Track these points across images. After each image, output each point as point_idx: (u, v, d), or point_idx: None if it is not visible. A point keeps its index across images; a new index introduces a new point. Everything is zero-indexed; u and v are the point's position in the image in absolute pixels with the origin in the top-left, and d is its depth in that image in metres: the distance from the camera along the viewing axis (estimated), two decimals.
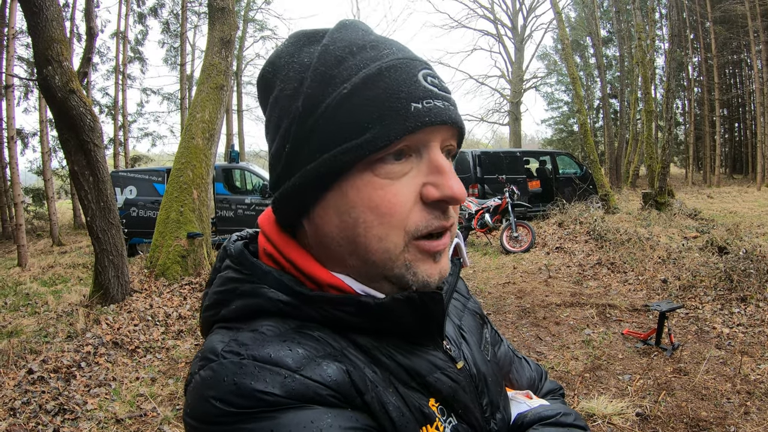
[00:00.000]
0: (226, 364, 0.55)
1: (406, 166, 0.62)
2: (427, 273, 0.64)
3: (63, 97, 5.35)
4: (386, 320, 0.63)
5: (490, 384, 0.77)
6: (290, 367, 0.55)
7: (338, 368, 0.57)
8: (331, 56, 0.63)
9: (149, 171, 12.34)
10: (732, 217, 12.97)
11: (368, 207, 0.61)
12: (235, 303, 0.64)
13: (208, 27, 9.50)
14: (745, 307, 5.57)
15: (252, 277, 0.65)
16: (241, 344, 0.57)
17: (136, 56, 21.10)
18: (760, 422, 3.44)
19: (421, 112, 0.60)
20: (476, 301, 0.94)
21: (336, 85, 0.61)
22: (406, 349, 0.66)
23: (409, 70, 0.62)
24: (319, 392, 0.54)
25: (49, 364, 4.61)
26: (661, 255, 7.89)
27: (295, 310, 0.62)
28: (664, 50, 27.48)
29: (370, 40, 0.65)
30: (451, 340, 0.76)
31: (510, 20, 32.09)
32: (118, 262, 6.39)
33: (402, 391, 0.63)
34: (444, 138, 0.64)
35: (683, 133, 31.59)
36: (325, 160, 0.61)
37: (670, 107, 16.27)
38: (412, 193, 0.62)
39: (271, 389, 0.53)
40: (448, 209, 0.64)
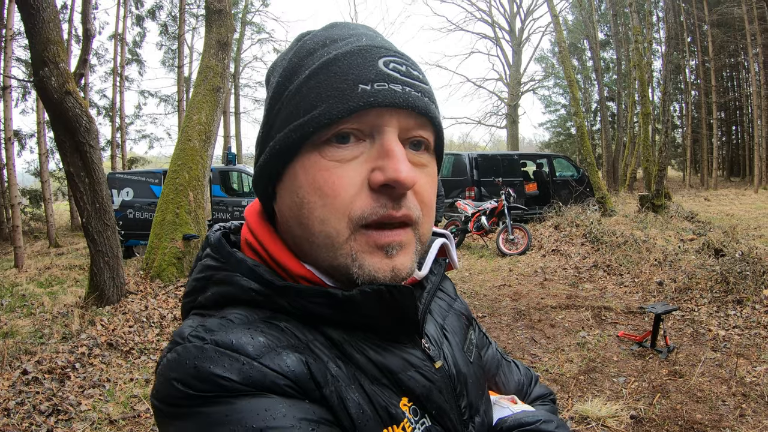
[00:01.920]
0: (189, 348, 0.56)
1: (356, 150, 0.61)
2: (374, 267, 0.61)
3: (59, 99, 5.34)
4: (356, 313, 0.62)
5: (470, 386, 0.75)
6: (250, 354, 0.55)
7: (298, 360, 0.57)
8: (305, 49, 0.66)
9: (146, 173, 12.33)
10: (729, 220, 12.99)
11: (312, 188, 0.61)
12: (210, 290, 0.65)
13: (205, 29, 9.51)
14: (741, 310, 5.57)
15: (227, 266, 0.65)
16: (207, 330, 0.58)
17: (134, 58, 21.08)
18: (756, 424, 3.44)
19: (367, 92, 0.59)
20: (463, 303, 0.91)
21: (300, 73, 0.64)
22: (380, 345, 0.65)
23: (367, 55, 0.62)
24: (276, 381, 0.54)
25: (44, 365, 4.60)
26: (658, 257, 7.90)
27: (267, 300, 0.62)
28: (661, 53, 27.57)
29: (348, 34, 0.66)
30: (431, 338, 0.74)
31: (508, 23, 32.21)
32: (114, 263, 6.37)
33: (368, 387, 0.61)
34: (404, 125, 0.62)
35: (680, 135, 31.68)
36: (278, 139, 0.63)
37: (667, 110, 16.31)
38: (359, 177, 0.61)
39: (228, 374, 0.53)
40: (401, 198, 0.61)
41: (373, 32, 0.69)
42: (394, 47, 0.66)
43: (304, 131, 0.61)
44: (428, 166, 0.67)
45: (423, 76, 0.66)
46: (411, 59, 0.66)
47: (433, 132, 0.67)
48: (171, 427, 0.55)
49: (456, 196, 12.87)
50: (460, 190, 13.44)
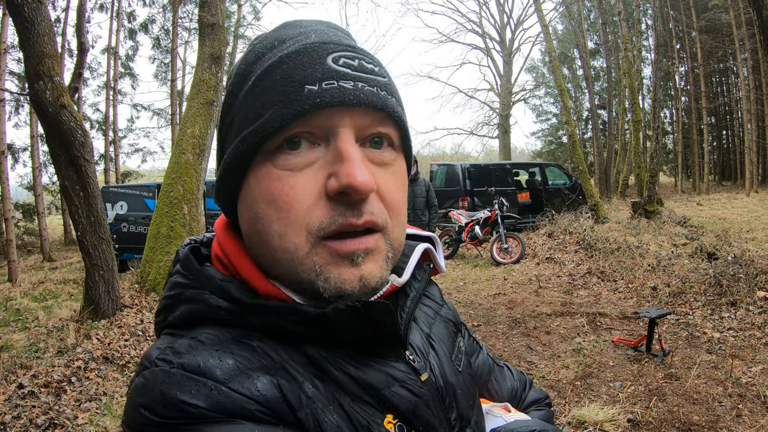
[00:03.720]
0: (156, 372, 0.53)
1: (310, 156, 0.58)
2: (340, 278, 0.58)
3: (54, 112, 5.35)
4: (332, 331, 0.59)
5: (459, 397, 0.71)
6: (218, 378, 0.52)
7: (269, 382, 0.54)
8: (253, 54, 0.62)
9: (140, 186, 12.32)
10: (721, 224, 13.08)
11: (267, 200, 0.58)
12: (180, 309, 0.62)
13: (198, 43, 9.55)
14: (735, 312, 5.62)
15: (195, 283, 0.62)
16: (175, 352, 0.55)
17: (126, 72, 21.11)
18: (752, 424, 3.47)
19: (314, 93, 0.55)
20: (451, 308, 0.87)
21: (248, 80, 0.60)
22: (361, 361, 0.61)
23: (314, 53, 0.58)
24: (246, 407, 0.52)
25: (40, 379, 4.57)
26: (651, 263, 7.95)
27: (238, 318, 0.59)
28: (650, 60, 27.83)
29: (297, 32, 0.62)
30: (416, 349, 0.70)
31: (498, 34, 32.50)
32: (109, 277, 6.35)
33: (348, 406, 0.58)
34: (359, 123, 0.58)
35: (671, 141, 31.89)
36: (230, 151, 0.60)
37: (657, 116, 16.48)
38: (315, 185, 0.57)
39: (195, 401, 0.51)
40: (360, 204, 0.57)
41: (326, 26, 0.65)
42: (347, 41, 0.62)
43: (252, 141, 0.58)
44: (392, 164, 0.63)
45: (380, 68, 0.62)
46: (365, 52, 0.62)
47: (395, 127, 0.62)
48: None
49: (449, 207, 12.91)
50: (453, 200, 13.50)
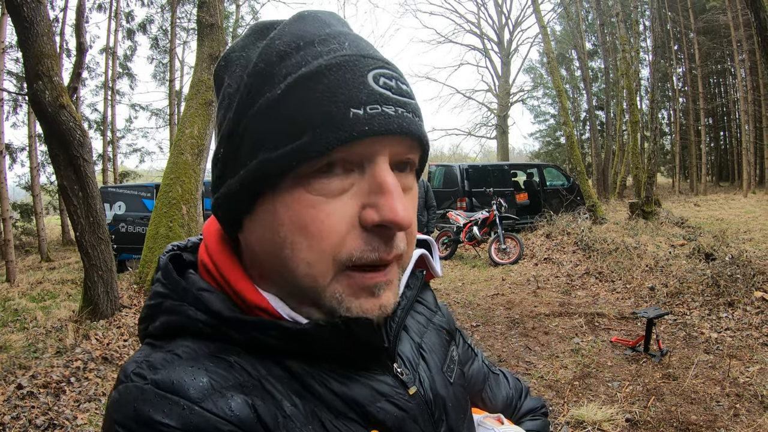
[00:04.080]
0: (130, 388, 0.52)
1: (346, 182, 0.54)
2: (361, 308, 0.56)
3: (53, 112, 5.35)
4: (310, 346, 0.57)
5: (449, 410, 0.69)
6: (191, 398, 0.51)
7: (243, 402, 0.52)
8: (274, 51, 0.56)
9: (138, 187, 12.31)
10: (719, 224, 13.11)
11: (297, 227, 0.54)
12: (159, 319, 0.60)
13: (197, 43, 9.55)
14: (732, 312, 5.64)
15: (174, 294, 0.59)
16: (151, 366, 0.53)
17: (125, 72, 21.05)
18: (750, 424, 3.49)
19: (360, 119, 0.51)
20: (445, 314, 0.84)
21: (273, 85, 0.54)
22: (346, 375, 0.60)
23: (355, 69, 0.53)
24: (219, 427, 0.50)
25: (39, 380, 4.57)
26: (649, 263, 7.98)
27: (217, 332, 0.57)
28: (648, 62, 27.90)
29: (323, 33, 0.56)
30: (405, 361, 0.68)
31: (496, 35, 32.51)
32: (108, 277, 6.35)
33: (330, 424, 0.56)
34: (396, 151, 0.56)
35: (669, 142, 31.98)
36: (251, 168, 0.54)
37: (655, 117, 16.50)
38: (349, 214, 0.54)
39: (168, 421, 0.49)
40: (392, 238, 0.56)
41: (348, 30, 0.60)
42: (380, 54, 0.58)
43: (283, 164, 0.52)
44: (412, 188, 0.61)
45: (410, 89, 0.58)
46: (397, 68, 0.58)
47: (420, 151, 0.60)
48: None
49: (447, 207, 12.94)
50: (451, 200, 13.53)
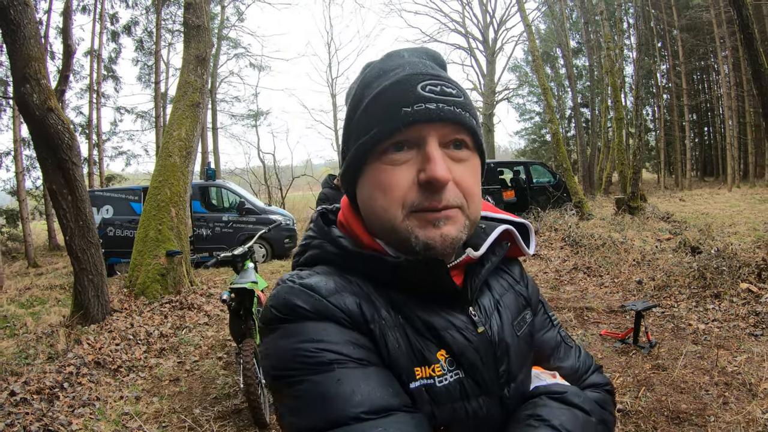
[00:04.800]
0: (284, 287, 0.80)
1: (406, 156, 0.79)
2: (426, 236, 0.78)
3: (41, 116, 5.32)
4: (402, 276, 0.81)
5: (512, 355, 0.88)
6: (321, 293, 0.78)
7: (353, 301, 0.79)
8: (366, 81, 0.86)
9: (126, 190, 12.23)
10: (704, 218, 13.28)
11: (377, 185, 0.81)
12: (307, 253, 0.90)
13: (183, 45, 9.52)
14: (719, 303, 5.74)
15: (320, 236, 0.90)
16: (299, 276, 0.82)
17: (109, 74, 20.80)
18: (739, 411, 3.57)
19: (408, 114, 0.77)
20: (530, 288, 1.04)
21: (362, 103, 0.83)
22: (430, 308, 0.83)
23: (408, 83, 0.79)
24: (335, 314, 0.76)
25: (32, 386, 4.54)
26: (636, 257, 8.08)
27: (343, 261, 0.85)
28: (632, 59, 28.08)
29: (396, 64, 0.84)
30: (482, 308, 0.89)
31: (481, 34, 32.55)
32: (98, 281, 6.32)
33: (411, 335, 0.80)
34: (442, 133, 0.79)
35: (654, 138, 32.23)
36: (351, 154, 0.84)
37: (639, 114, 16.70)
38: (410, 176, 0.79)
39: (304, 305, 0.76)
40: (439, 191, 0.77)
41: (417, 59, 0.86)
42: (432, 71, 0.82)
43: (366, 147, 0.81)
44: (467, 160, 0.83)
45: (457, 91, 0.81)
46: (447, 78, 0.82)
47: (468, 134, 0.82)
48: (267, 336, 0.79)
49: None
50: None
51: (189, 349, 5.99)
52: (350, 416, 0.68)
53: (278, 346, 0.76)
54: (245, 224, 12.27)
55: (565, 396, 0.85)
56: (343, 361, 0.73)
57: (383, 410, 0.70)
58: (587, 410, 0.83)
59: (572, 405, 0.83)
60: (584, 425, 0.81)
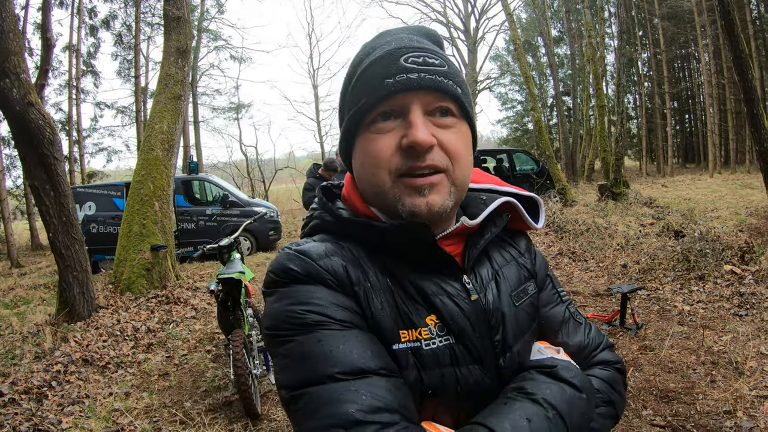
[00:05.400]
0: (282, 254, 0.86)
1: (391, 124, 0.84)
2: (412, 204, 0.82)
3: (21, 111, 5.22)
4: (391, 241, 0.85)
5: (507, 324, 0.90)
6: (312, 257, 0.83)
7: (340, 264, 0.83)
8: (357, 59, 0.91)
9: (108, 186, 12.06)
10: (686, 204, 13.45)
11: (365, 153, 0.86)
12: (311, 223, 0.97)
13: (164, 37, 9.39)
14: (703, 285, 5.84)
15: (320, 207, 0.96)
16: (296, 244, 0.87)
17: (88, 69, 20.43)
18: (726, 388, 3.65)
19: (390, 84, 0.81)
20: (538, 263, 1.06)
21: (353, 76, 0.89)
22: (422, 273, 0.86)
23: (391, 56, 0.83)
24: (323, 276, 0.81)
25: (20, 386, 4.47)
26: (620, 242, 8.19)
27: (339, 229, 0.90)
28: (613, 47, 28.28)
29: (384, 41, 0.89)
30: (478, 277, 0.92)
31: (462, 23, 32.53)
32: (83, 278, 6.24)
33: (399, 298, 0.84)
34: (426, 101, 0.83)
35: (635, 126, 32.58)
36: (344, 125, 0.90)
37: (621, 102, 16.84)
38: (394, 143, 0.83)
39: (296, 269, 0.81)
40: (422, 153, 0.81)
41: (406, 34, 0.90)
42: (416, 44, 0.86)
43: (355, 118, 0.86)
44: (453, 126, 0.86)
45: (441, 61, 0.85)
46: (432, 50, 0.86)
47: (453, 101, 0.85)
48: (266, 301, 0.84)
49: None
50: None
51: (177, 343, 5.95)
52: (326, 375, 0.72)
53: (273, 309, 0.81)
54: (229, 217, 12.16)
55: (555, 370, 0.84)
56: (326, 323, 0.76)
57: (359, 372, 0.73)
58: (578, 386, 0.82)
59: (561, 380, 0.82)
60: (571, 400, 0.79)
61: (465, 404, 0.82)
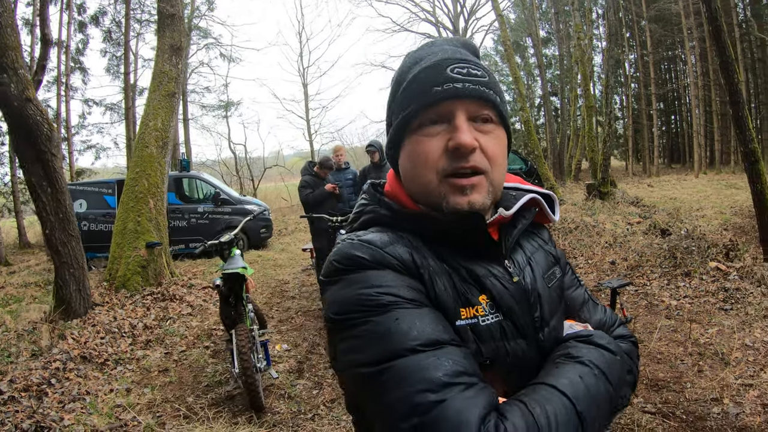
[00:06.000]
0: (346, 243, 0.92)
1: (438, 129, 0.93)
2: (455, 201, 0.92)
3: (19, 106, 5.22)
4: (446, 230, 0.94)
5: (543, 303, 1.00)
6: (378, 245, 0.90)
7: (406, 251, 0.91)
8: (404, 67, 1.01)
9: (99, 183, 12.00)
10: (672, 203, 13.69)
11: (414, 155, 0.95)
12: (362, 218, 1.03)
13: (157, 34, 9.40)
14: (689, 281, 6.01)
15: (372, 202, 1.03)
16: (356, 235, 0.95)
17: (77, 66, 20.19)
18: (713, 378, 3.81)
19: (438, 92, 0.91)
20: (558, 250, 1.18)
21: (402, 83, 0.98)
22: (472, 259, 0.95)
23: (439, 66, 0.93)
24: (390, 262, 0.88)
25: (18, 384, 4.46)
26: (608, 240, 8.36)
27: (394, 222, 0.97)
28: (601, 49, 28.62)
29: (430, 51, 0.99)
30: (516, 263, 1.02)
31: (451, 23, 32.60)
32: (79, 275, 6.25)
33: (456, 280, 0.92)
34: (470, 109, 0.93)
35: (622, 127, 32.95)
36: (393, 128, 1.00)
37: (609, 102, 17.09)
38: (441, 146, 0.92)
39: (364, 255, 0.88)
40: (466, 155, 0.90)
41: (450, 46, 1.00)
42: (460, 55, 0.96)
43: (404, 122, 0.95)
44: (493, 132, 0.95)
45: (482, 72, 0.94)
46: (474, 61, 0.96)
47: (493, 109, 0.95)
48: (329, 289, 0.90)
49: None
50: None
51: (175, 339, 6.00)
52: (408, 348, 0.78)
53: (341, 294, 0.87)
54: (221, 215, 12.12)
55: (592, 338, 0.96)
56: (399, 302, 0.83)
57: (436, 343, 0.80)
58: (613, 350, 0.93)
59: (598, 345, 0.93)
60: (610, 362, 0.90)
61: (512, 375, 0.91)
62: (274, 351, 5.41)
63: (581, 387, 0.83)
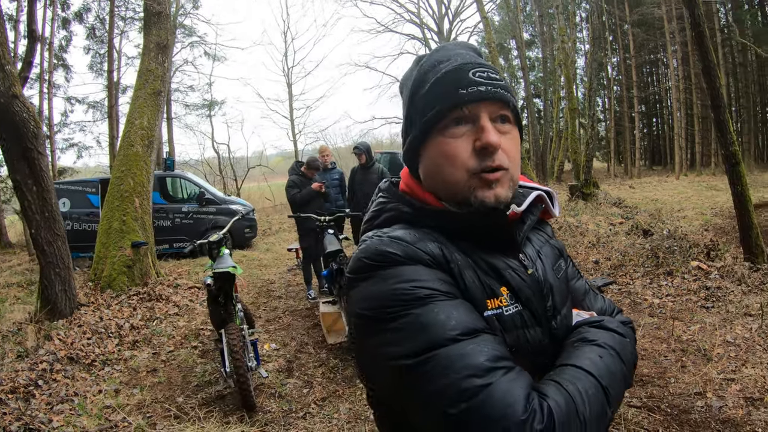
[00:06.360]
0: (374, 240, 0.96)
1: (463, 129, 0.97)
2: (483, 195, 0.96)
3: (6, 103, 5.15)
4: (468, 226, 0.99)
5: (555, 293, 1.06)
6: (408, 241, 0.93)
7: (435, 246, 0.95)
8: (424, 69, 1.05)
9: (83, 182, 11.83)
10: (654, 204, 13.91)
11: (442, 155, 0.99)
12: (383, 216, 1.06)
13: (143, 32, 9.32)
14: (672, 280, 6.15)
15: (393, 199, 1.07)
16: (383, 232, 0.98)
17: (60, 63, 19.87)
18: (696, 373, 3.92)
19: (464, 94, 0.96)
20: (559, 244, 1.23)
21: (423, 86, 1.02)
22: (491, 254, 1.00)
23: (463, 70, 0.98)
24: (422, 257, 0.92)
25: (5, 385, 4.38)
26: (591, 240, 8.49)
27: (417, 219, 1.01)
28: (584, 52, 29.00)
29: (448, 55, 1.04)
30: (528, 256, 1.08)
31: (436, 24, 32.73)
32: (65, 275, 6.18)
33: (480, 273, 0.97)
34: (491, 110, 0.98)
35: (604, 129, 33.36)
36: (417, 128, 1.03)
37: (591, 105, 17.33)
38: (468, 145, 0.97)
39: (396, 251, 0.92)
40: (492, 154, 0.96)
41: (464, 51, 1.06)
42: (479, 60, 1.03)
43: (431, 122, 0.99)
44: (510, 132, 1.01)
45: (499, 76, 1.00)
46: (490, 66, 1.02)
47: (510, 110, 1.01)
48: (358, 287, 0.94)
49: None
50: None
51: (162, 339, 5.97)
52: (448, 338, 0.83)
53: (374, 290, 0.90)
54: (206, 215, 12.02)
55: (603, 323, 1.03)
56: (436, 295, 0.87)
57: (474, 332, 0.85)
58: (622, 333, 1.02)
59: (609, 329, 1.01)
60: (621, 344, 0.99)
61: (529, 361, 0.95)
62: (263, 350, 5.42)
63: (602, 365, 0.91)
